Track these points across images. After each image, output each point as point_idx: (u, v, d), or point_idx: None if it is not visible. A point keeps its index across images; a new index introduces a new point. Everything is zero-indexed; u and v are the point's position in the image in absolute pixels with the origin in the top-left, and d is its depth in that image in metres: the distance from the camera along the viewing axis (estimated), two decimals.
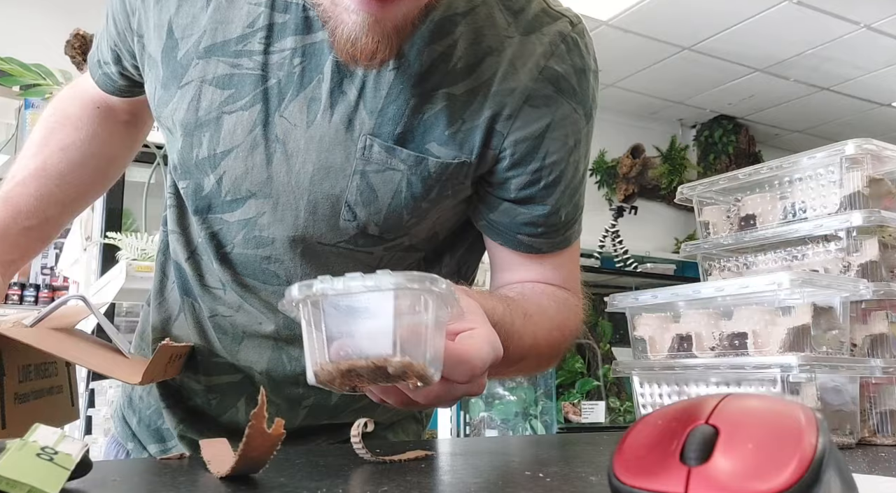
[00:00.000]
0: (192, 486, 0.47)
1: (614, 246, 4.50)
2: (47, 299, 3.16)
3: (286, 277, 0.77)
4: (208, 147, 0.72)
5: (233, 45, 0.70)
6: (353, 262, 0.76)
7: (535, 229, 0.77)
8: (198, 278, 0.82)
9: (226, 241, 0.77)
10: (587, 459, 0.66)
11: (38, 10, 3.61)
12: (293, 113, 0.69)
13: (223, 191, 0.74)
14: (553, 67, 0.71)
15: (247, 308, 0.80)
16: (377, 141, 0.69)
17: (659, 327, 0.96)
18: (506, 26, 0.70)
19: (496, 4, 0.71)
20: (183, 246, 0.83)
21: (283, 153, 0.71)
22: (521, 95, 0.70)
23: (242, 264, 0.78)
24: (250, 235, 0.75)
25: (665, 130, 5.81)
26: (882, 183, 0.96)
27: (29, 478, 0.38)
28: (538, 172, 0.73)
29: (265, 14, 0.69)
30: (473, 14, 0.69)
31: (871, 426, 0.90)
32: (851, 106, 5.35)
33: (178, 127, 0.74)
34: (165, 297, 0.88)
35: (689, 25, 4.25)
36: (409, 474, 0.53)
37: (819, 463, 0.32)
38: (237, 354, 0.81)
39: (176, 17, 0.72)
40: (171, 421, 0.86)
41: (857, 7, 4.03)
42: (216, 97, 0.71)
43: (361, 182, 0.70)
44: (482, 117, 0.70)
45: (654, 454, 0.35)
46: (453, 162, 0.70)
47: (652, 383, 0.96)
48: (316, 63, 0.69)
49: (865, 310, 0.93)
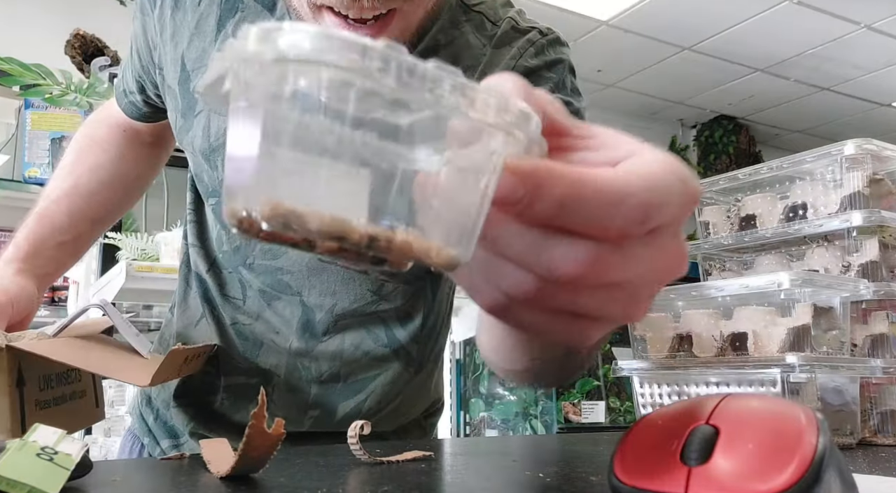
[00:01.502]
0: (192, 486, 0.47)
1: None
2: (47, 299, 3.16)
3: (297, 288, 0.83)
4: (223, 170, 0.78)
5: None
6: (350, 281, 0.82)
7: None
8: (218, 288, 0.88)
9: (247, 253, 0.83)
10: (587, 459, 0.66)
11: (38, 10, 3.61)
12: None
13: None
14: (523, 64, 0.77)
15: (266, 317, 0.85)
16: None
17: (659, 327, 0.96)
18: (480, 48, 0.78)
19: (471, 32, 0.77)
20: (203, 259, 0.88)
21: None
22: None
23: (261, 276, 0.84)
24: (267, 246, 0.80)
25: (665, 130, 5.81)
26: (882, 183, 0.96)
27: (29, 478, 0.38)
28: None
29: None
30: (452, 46, 0.77)
31: (871, 426, 0.91)
32: (851, 106, 5.35)
33: (198, 153, 0.80)
34: (188, 304, 0.91)
35: (689, 25, 4.25)
36: (409, 474, 0.53)
37: (819, 463, 0.32)
38: (257, 358, 0.86)
39: (188, 52, 0.77)
40: (182, 419, 0.89)
41: (857, 7, 4.03)
42: (223, 124, 0.76)
43: None
44: None
45: (655, 454, 0.35)
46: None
47: (652, 383, 0.96)
48: None
49: (865, 310, 0.93)
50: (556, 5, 3.98)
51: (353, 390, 0.87)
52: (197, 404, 0.88)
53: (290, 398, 0.86)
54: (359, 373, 0.87)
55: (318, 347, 0.85)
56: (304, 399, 0.86)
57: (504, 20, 0.79)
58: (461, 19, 0.78)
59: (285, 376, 0.85)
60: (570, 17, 4.09)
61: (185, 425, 0.88)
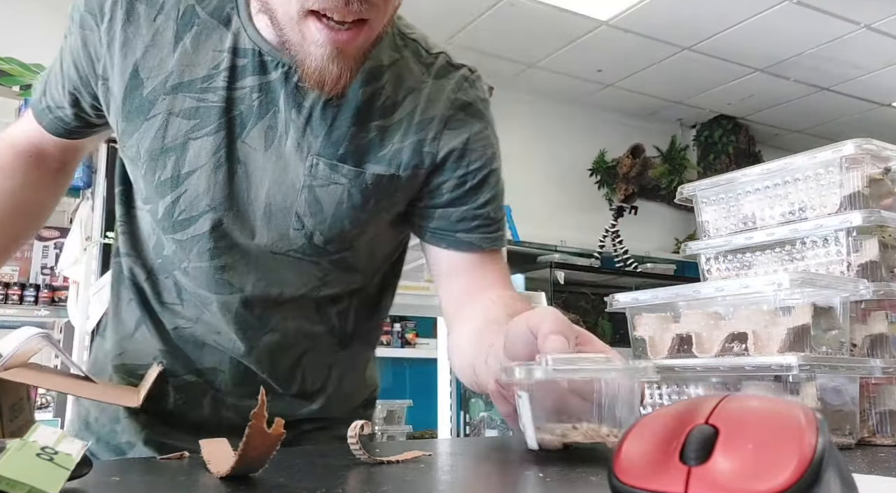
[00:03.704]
0: (192, 486, 0.47)
1: (614, 246, 4.50)
2: (47, 299, 3.16)
3: (239, 284, 0.87)
4: (172, 169, 0.83)
5: (199, 83, 0.82)
6: (299, 272, 0.87)
7: (470, 224, 0.89)
8: (156, 296, 0.92)
9: (182, 257, 0.87)
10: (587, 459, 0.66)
11: (38, 10, 3.61)
12: (254, 139, 0.82)
13: (177, 211, 0.84)
14: (462, 98, 0.88)
15: (205, 319, 0.90)
16: (322, 160, 0.82)
17: (659, 327, 0.96)
18: (420, 74, 0.87)
19: (412, 58, 0.88)
20: (140, 267, 0.93)
21: (244, 172, 0.83)
22: (440, 122, 0.86)
23: (197, 278, 0.87)
24: (205, 247, 0.84)
25: (665, 130, 5.81)
26: (882, 183, 0.96)
27: (29, 478, 0.38)
28: (464, 177, 0.88)
29: (228, 58, 0.82)
30: (396, 66, 0.86)
31: (870, 426, 0.91)
32: (851, 106, 5.35)
33: (144, 154, 0.84)
34: (122, 318, 0.95)
35: (689, 25, 4.25)
36: (410, 474, 0.53)
37: (819, 463, 0.32)
38: (201, 358, 0.91)
39: (142, 61, 0.82)
40: (134, 429, 0.91)
41: (857, 7, 4.03)
42: (183, 126, 0.82)
43: (309, 195, 0.83)
44: (409, 141, 0.85)
45: (654, 454, 0.35)
46: (386, 174, 0.85)
47: (652, 383, 0.96)
48: (272, 98, 0.82)
49: (865, 310, 0.93)
50: (556, 5, 3.98)
51: (293, 373, 0.93)
52: (148, 411, 0.89)
53: (239, 391, 0.91)
54: (295, 353, 0.92)
55: (261, 339, 0.90)
56: (252, 390, 0.91)
57: (439, 54, 0.90)
58: (400, 44, 0.88)
59: (230, 370, 0.90)
60: (570, 17, 4.10)
61: (137, 435, 0.91)
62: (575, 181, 5.44)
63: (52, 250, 3.38)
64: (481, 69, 0.94)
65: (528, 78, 4.89)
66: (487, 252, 0.91)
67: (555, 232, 4.91)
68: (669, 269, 4.56)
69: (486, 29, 4.25)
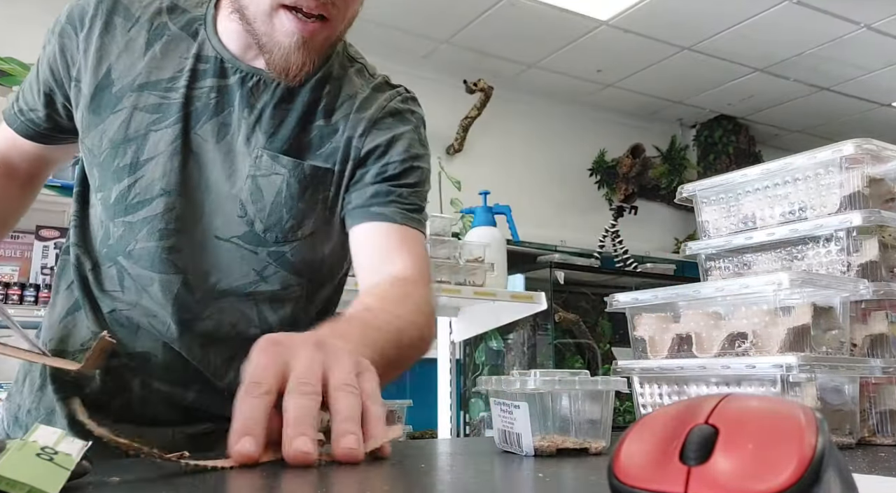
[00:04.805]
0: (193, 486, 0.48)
1: (614, 246, 4.50)
2: (47, 299, 3.15)
3: (182, 266, 0.93)
4: (132, 156, 0.92)
5: (164, 83, 0.93)
6: (239, 261, 0.93)
7: (385, 198, 0.95)
8: (98, 285, 0.97)
9: (129, 239, 0.93)
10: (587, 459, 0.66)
11: (38, 10, 3.61)
12: (206, 131, 0.92)
13: (132, 194, 0.92)
14: (393, 106, 0.99)
15: (143, 304, 0.95)
16: (266, 152, 0.92)
17: (659, 327, 0.96)
18: (360, 86, 1.00)
19: (355, 74, 1.01)
20: (87, 257, 0.98)
21: (195, 161, 0.92)
22: (369, 122, 0.97)
23: (143, 258, 0.93)
24: (155, 228, 0.92)
25: (665, 130, 5.81)
26: (882, 183, 0.96)
27: (29, 478, 0.38)
28: (385, 167, 0.96)
29: (191, 62, 0.93)
30: (340, 79, 0.99)
31: (870, 425, 0.91)
32: (851, 106, 5.35)
33: (105, 142, 0.93)
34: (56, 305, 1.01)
35: (689, 25, 4.25)
36: (410, 474, 0.53)
37: (819, 463, 0.32)
38: (134, 342, 0.95)
39: (116, 64, 0.94)
40: (65, 411, 0.95)
41: (857, 7, 4.03)
42: (145, 119, 0.92)
43: (252, 184, 0.92)
44: (343, 138, 0.96)
45: (654, 454, 0.35)
46: (322, 167, 0.94)
47: (652, 383, 0.96)
48: (228, 99, 0.93)
49: (865, 310, 0.93)
50: (556, 5, 3.98)
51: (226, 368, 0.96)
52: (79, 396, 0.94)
53: (169, 377, 0.95)
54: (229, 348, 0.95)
55: (196, 326, 0.94)
56: (183, 376, 0.95)
57: (380, 76, 1.03)
58: (346, 64, 1.01)
59: (163, 355, 0.95)
60: (570, 17, 4.10)
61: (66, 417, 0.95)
62: (575, 181, 5.44)
63: (52, 249, 3.37)
64: (481, 69, 0.97)
65: (528, 78, 4.89)
66: (400, 227, 0.95)
67: (555, 232, 4.91)
68: (669, 269, 4.56)
69: (486, 29, 4.25)
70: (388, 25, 4.11)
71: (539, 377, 0.70)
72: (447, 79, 4.62)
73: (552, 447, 0.69)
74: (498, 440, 0.75)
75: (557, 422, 0.70)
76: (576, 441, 0.70)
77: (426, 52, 4.52)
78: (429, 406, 3.12)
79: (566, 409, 0.70)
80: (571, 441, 0.70)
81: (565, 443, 0.70)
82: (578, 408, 0.71)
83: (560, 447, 0.69)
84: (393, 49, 4.31)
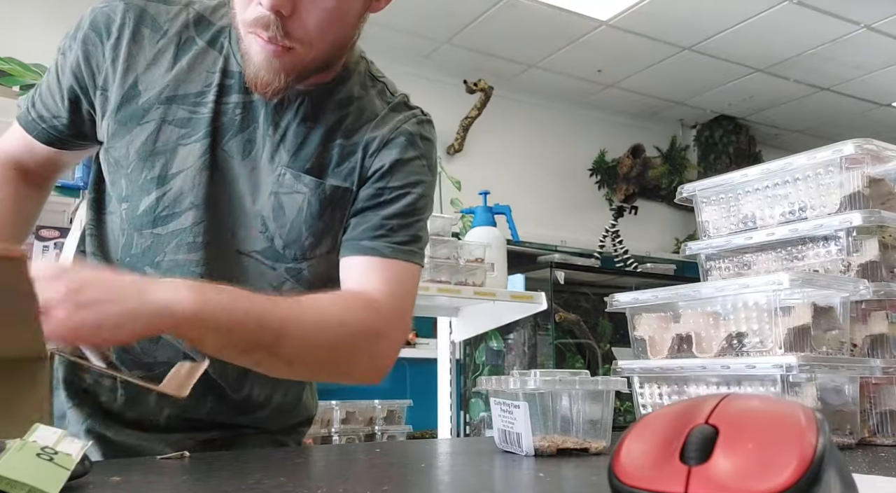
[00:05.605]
0: (193, 486, 0.48)
1: (614, 246, 4.50)
2: None
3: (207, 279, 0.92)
4: (161, 169, 0.93)
5: (192, 97, 0.95)
6: (258, 276, 0.94)
7: (374, 233, 0.96)
8: None
9: (158, 250, 0.94)
10: (587, 459, 0.66)
11: (38, 10, 3.61)
12: (232, 147, 0.94)
13: (160, 207, 0.94)
14: (406, 128, 1.00)
15: None
16: (289, 170, 0.94)
17: (659, 327, 0.96)
18: (380, 108, 1.01)
19: (376, 96, 1.02)
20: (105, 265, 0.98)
21: (222, 176, 0.94)
22: (381, 140, 0.98)
23: (171, 270, 0.94)
24: (184, 241, 0.93)
25: (665, 130, 5.80)
26: (882, 183, 0.96)
27: (29, 478, 0.38)
28: (381, 190, 0.97)
29: (218, 77, 0.95)
30: (362, 100, 1.00)
31: (870, 426, 0.91)
32: (851, 106, 5.35)
33: (133, 154, 0.94)
34: None
35: (689, 25, 4.25)
36: (410, 474, 0.53)
37: (819, 463, 0.32)
38: (155, 353, 0.95)
39: (143, 76, 0.95)
40: (78, 417, 0.96)
41: (857, 7, 4.03)
42: (174, 133, 0.94)
43: (275, 201, 0.94)
44: (359, 158, 0.98)
45: (654, 454, 0.35)
46: (342, 186, 0.96)
47: (652, 383, 0.96)
48: (253, 115, 0.95)
49: (865, 310, 0.93)
50: (556, 5, 3.98)
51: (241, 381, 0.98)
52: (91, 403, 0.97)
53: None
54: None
55: None
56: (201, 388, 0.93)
57: (400, 95, 1.05)
58: (369, 85, 1.03)
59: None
60: (570, 17, 4.10)
61: (79, 425, 0.96)
62: (575, 181, 5.44)
63: (52, 249, 3.37)
64: (481, 69, 0.97)
65: (528, 78, 4.89)
66: (390, 261, 0.95)
67: (555, 232, 4.91)
68: (669, 269, 4.56)
69: (486, 29, 4.25)
70: (389, 25, 4.11)
71: (539, 377, 0.71)
72: (447, 79, 4.62)
73: (552, 447, 0.70)
74: (498, 439, 0.75)
75: (558, 422, 0.71)
76: (576, 441, 0.71)
77: (426, 52, 4.52)
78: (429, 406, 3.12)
79: (566, 409, 0.71)
80: (572, 441, 0.71)
81: (565, 443, 0.70)
82: (579, 408, 0.71)
83: (560, 447, 0.70)
84: (393, 49, 4.31)
